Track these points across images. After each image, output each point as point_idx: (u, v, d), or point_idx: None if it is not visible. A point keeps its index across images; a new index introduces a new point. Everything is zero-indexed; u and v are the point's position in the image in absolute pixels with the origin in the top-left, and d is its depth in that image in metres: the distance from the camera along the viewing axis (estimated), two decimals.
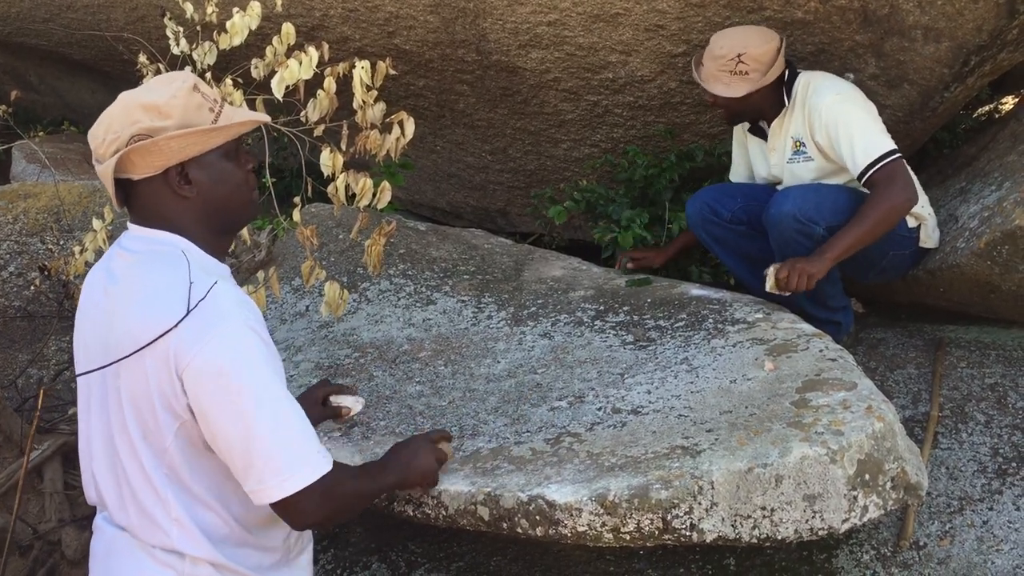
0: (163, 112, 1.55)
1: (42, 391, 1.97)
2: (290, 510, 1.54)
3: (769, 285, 2.50)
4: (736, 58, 2.67)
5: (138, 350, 1.49)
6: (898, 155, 2.60)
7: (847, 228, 2.54)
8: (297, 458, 1.52)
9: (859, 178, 2.62)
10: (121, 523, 1.61)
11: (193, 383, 1.48)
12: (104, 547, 1.65)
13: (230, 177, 1.65)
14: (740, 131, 3.03)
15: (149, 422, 1.53)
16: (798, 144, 2.78)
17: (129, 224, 1.65)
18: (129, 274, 1.58)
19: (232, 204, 1.66)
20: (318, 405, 2.13)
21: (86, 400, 1.64)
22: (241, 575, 1.62)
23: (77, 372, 1.65)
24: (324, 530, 1.78)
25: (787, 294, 2.52)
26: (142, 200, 1.60)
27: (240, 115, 1.65)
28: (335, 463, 1.59)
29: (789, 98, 2.76)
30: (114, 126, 1.55)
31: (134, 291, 1.55)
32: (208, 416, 1.49)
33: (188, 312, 1.49)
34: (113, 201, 1.61)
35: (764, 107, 2.79)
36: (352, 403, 2.18)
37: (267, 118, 1.70)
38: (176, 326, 1.48)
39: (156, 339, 1.48)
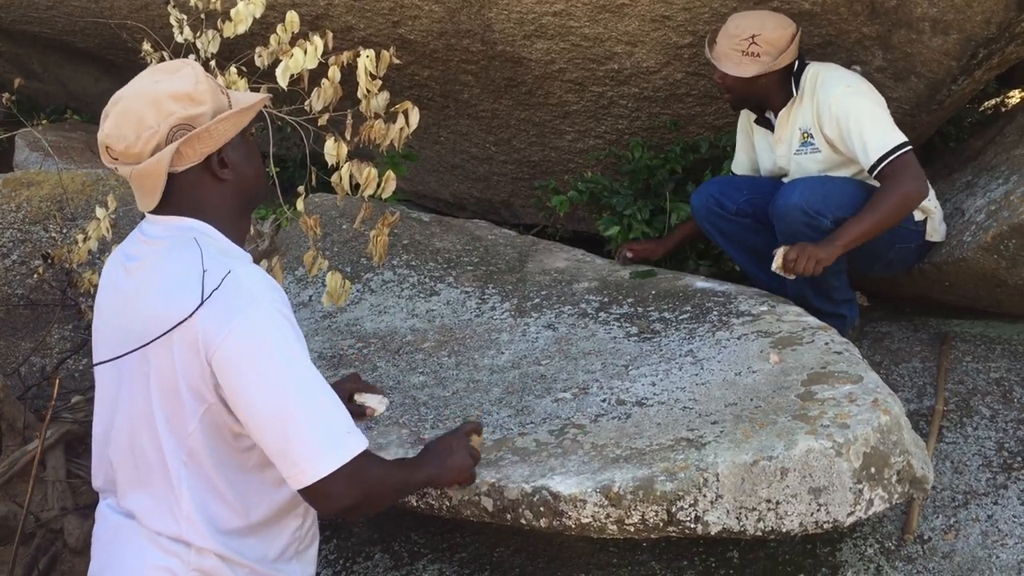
0: (195, 99, 1.54)
1: (58, 380, 1.98)
2: (319, 494, 1.52)
3: (776, 264, 2.49)
4: (750, 38, 2.66)
5: (163, 334, 1.49)
6: (909, 148, 2.59)
7: (858, 217, 2.53)
8: (332, 438, 1.51)
9: (870, 171, 2.61)
10: (130, 508, 1.60)
11: (223, 366, 1.47)
12: (108, 534, 1.64)
13: (252, 153, 1.68)
14: (746, 122, 3.02)
15: (175, 406, 1.52)
16: (806, 136, 2.77)
17: (148, 214, 1.63)
18: (152, 259, 1.58)
19: (260, 181, 1.69)
20: (345, 400, 2.12)
21: (112, 385, 1.62)
22: (246, 567, 1.61)
23: (98, 358, 1.64)
24: (353, 518, 1.76)
25: (792, 277, 2.51)
26: (181, 192, 1.58)
27: (245, 95, 1.66)
28: (366, 452, 1.57)
29: (797, 89, 2.74)
30: (147, 121, 1.52)
31: (157, 277, 1.55)
32: (240, 399, 1.48)
33: (210, 295, 1.48)
34: (150, 200, 1.56)
35: (771, 95, 2.77)
36: (377, 403, 2.18)
37: (268, 95, 1.73)
38: (200, 308, 1.47)
39: (181, 322, 1.47)
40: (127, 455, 1.60)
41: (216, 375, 1.48)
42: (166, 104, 1.52)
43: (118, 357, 1.56)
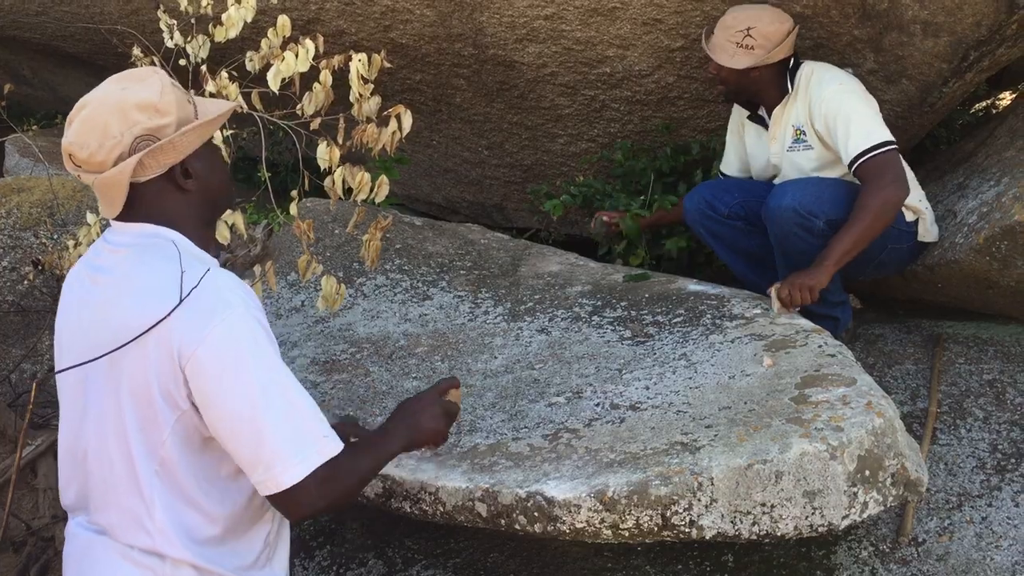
0: (161, 110, 1.54)
1: (35, 384, 1.94)
2: (289, 501, 1.50)
3: (776, 308, 2.47)
4: (745, 31, 2.68)
5: (134, 339, 1.47)
6: (892, 147, 2.58)
7: (843, 232, 2.51)
8: (304, 443, 1.49)
9: (850, 166, 2.61)
10: (101, 523, 1.58)
11: (197, 373, 1.46)
12: (78, 552, 1.61)
13: (217, 163, 1.68)
14: (737, 120, 3.02)
15: (147, 414, 1.50)
16: (799, 132, 2.77)
17: (113, 221, 1.62)
18: (122, 266, 1.56)
19: (224, 191, 1.68)
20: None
21: (77, 397, 1.60)
22: (213, 573, 1.57)
23: (61, 368, 1.61)
24: (328, 513, 1.73)
25: (793, 310, 2.49)
26: (144, 201, 1.58)
27: (213, 104, 1.65)
28: (345, 447, 1.56)
29: (792, 86, 2.75)
30: (111, 130, 1.51)
31: (130, 282, 1.53)
32: (213, 406, 1.47)
33: (182, 300, 1.47)
34: (113, 208, 1.56)
35: (765, 90, 2.78)
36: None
37: (237, 104, 1.72)
38: (173, 314, 1.46)
39: (153, 327, 1.46)
40: (96, 468, 1.58)
41: (189, 381, 1.47)
42: (131, 114, 1.52)
43: (88, 361, 1.53)
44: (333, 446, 1.52)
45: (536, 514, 1.82)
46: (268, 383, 1.48)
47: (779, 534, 1.77)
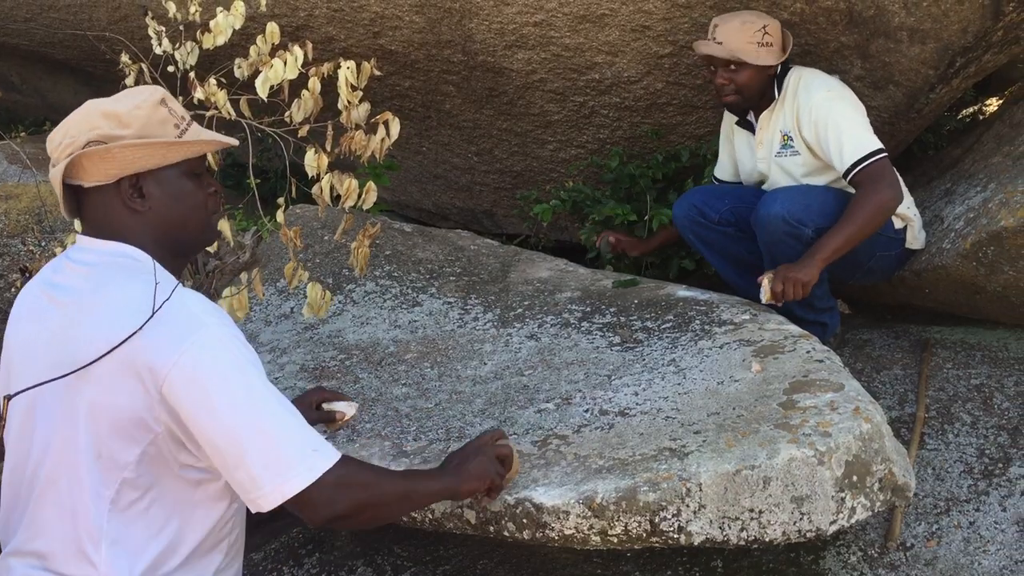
0: (123, 121, 1.53)
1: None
2: (304, 505, 1.47)
3: (765, 298, 2.49)
4: (762, 29, 2.69)
5: (99, 358, 1.42)
6: (884, 154, 2.60)
7: (835, 230, 2.53)
8: (297, 457, 1.46)
9: (844, 175, 2.62)
10: (38, 552, 1.50)
11: (176, 394, 1.42)
12: None
13: (188, 197, 1.60)
14: (728, 126, 3.03)
15: (110, 439, 1.45)
16: (786, 138, 2.78)
17: (79, 237, 1.59)
18: (86, 285, 1.52)
19: (188, 225, 1.61)
20: (311, 410, 2.09)
21: (27, 421, 1.52)
22: None
23: (12, 391, 1.53)
24: (352, 527, 1.68)
25: (781, 303, 2.51)
26: (93, 210, 1.56)
27: (207, 135, 1.62)
28: (355, 460, 1.55)
29: (779, 91, 2.76)
30: (71, 131, 1.52)
31: (93, 302, 1.49)
32: (197, 426, 1.44)
33: (154, 313, 1.43)
34: (61, 207, 1.56)
35: (759, 95, 2.79)
36: (345, 408, 2.16)
37: (234, 142, 1.66)
38: (145, 332, 1.42)
39: (121, 344, 1.42)
40: (41, 496, 1.50)
41: (168, 401, 1.43)
42: (94, 119, 1.53)
43: (48, 381, 1.46)
44: (326, 457, 1.49)
45: (525, 521, 1.82)
46: (251, 400, 1.46)
47: (767, 540, 1.77)
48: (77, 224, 2.23)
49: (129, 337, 1.42)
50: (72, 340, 1.47)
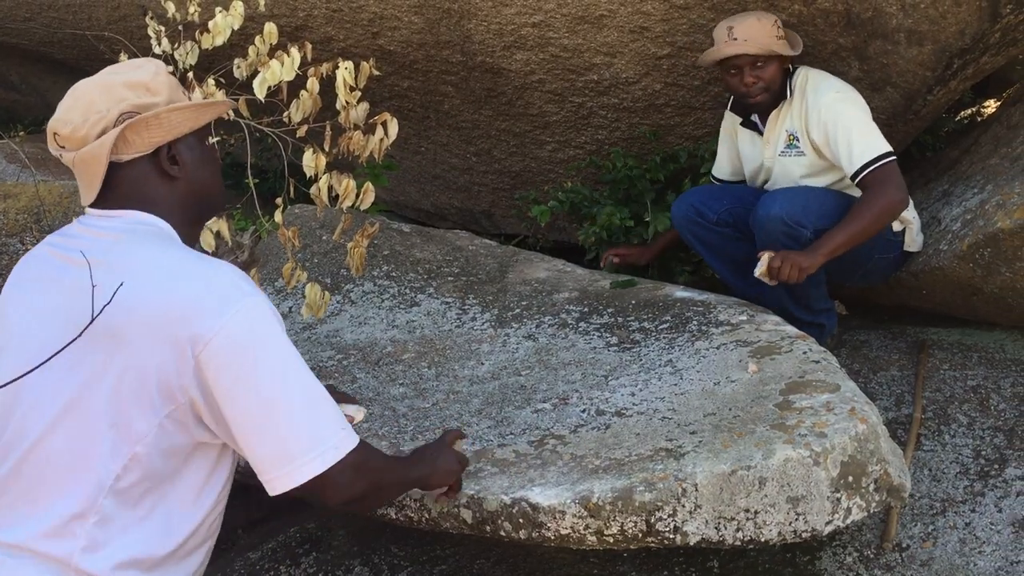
0: (151, 89, 1.51)
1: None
2: (326, 485, 1.46)
3: (759, 271, 2.50)
4: (775, 23, 2.72)
5: (97, 316, 1.37)
6: (893, 158, 2.61)
7: (841, 226, 2.54)
8: (330, 433, 1.46)
9: (853, 178, 2.63)
10: (15, 533, 1.42)
11: (215, 361, 1.39)
12: None
13: (211, 160, 1.63)
14: (730, 125, 3.03)
15: (132, 405, 1.40)
16: (791, 138, 2.79)
17: (90, 209, 1.55)
18: (115, 249, 1.47)
19: (213, 188, 1.63)
20: None
21: (26, 392, 1.44)
22: None
23: (18, 360, 1.45)
24: (360, 510, 1.69)
25: (774, 283, 2.52)
26: (124, 185, 1.52)
27: (219, 100, 1.68)
28: (369, 445, 1.55)
29: (789, 91, 2.76)
30: (97, 105, 1.47)
31: (130, 264, 1.44)
32: (230, 396, 1.40)
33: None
34: (94, 189, 1.49)
35: (780, 91, 2.80)
36: (354, 411, 2.18)
37: (231, 101, 1.70)
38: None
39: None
40: (29, 466, 1.43)
41: (202, 369, 1.39)
42: (119, 90, 1.49)
43: (71, 342, 1.39)
44: (352, 436, 1.50)
45: (521, 520, 1.83)
46: (288, 374, 1.44)
47: (763, 540, 1.78)
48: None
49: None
50: (99, 302, 1.40)
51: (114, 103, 1.48)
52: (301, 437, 1.44)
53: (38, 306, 1.50)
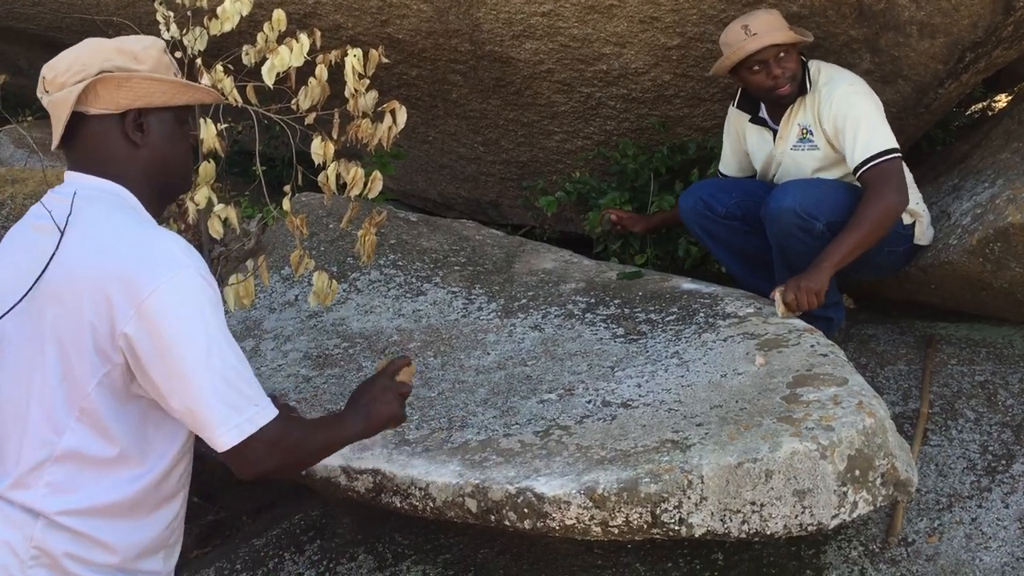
0: (138, 57, 1.58)
1: None
2: (237, 459, 1.50)
3: (780, 312, 2.45)
4: (778, 15, 2.72)
5: (37, 279, 1.46)
6: (897, 154, 2.60)
7: (843, 235, 2.52)
8: (243, 406, 1.48)
9: (854, 171, 2.62)
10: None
11: (140, 326, 1.44)
12: None
13: (180, 140, 1.67)
14: (735, 122, 3.00)
15: (73, 363, 1.47)
16: (805, 132, 2.77)
17: (67, 173, 1.62)
18: (81, 217, 1.54)
19: (176, 167, 1.67)
20: None
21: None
22: (110, 552, 1.51)
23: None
24: (275, 477, 1.70)
25: (798, 314, 2.48)
26: (90, 138, 1.59)
27: (207, 88, 1.71)
28: (281, 414, 1.55)
29: (810, 84, 2.74)
30: (83, 59, 1.56)
31: (75, 229, 1.51)
32: (153, 361, 1.45)
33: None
34: (57, 134, 1.58)
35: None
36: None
37: (227, 99, 1.72)
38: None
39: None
40: (7, 419, 1.53)
41: (130, 336, 1.44)
42: (108, 51, 1.57)
43: (17, 303, 1.50)
44: (265, 413, 1.51)
45: (526, 511, 1.82)
46: (210, 344, 1.47)
47: (769, 533, 1.78)
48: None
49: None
50: (57, 265, 1.49)
51: (99, 60, 1.56)
52: (213, 409, 1.46)
53: (12, 273, 1.57)
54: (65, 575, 1.48)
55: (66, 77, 1.55)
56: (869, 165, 2.58)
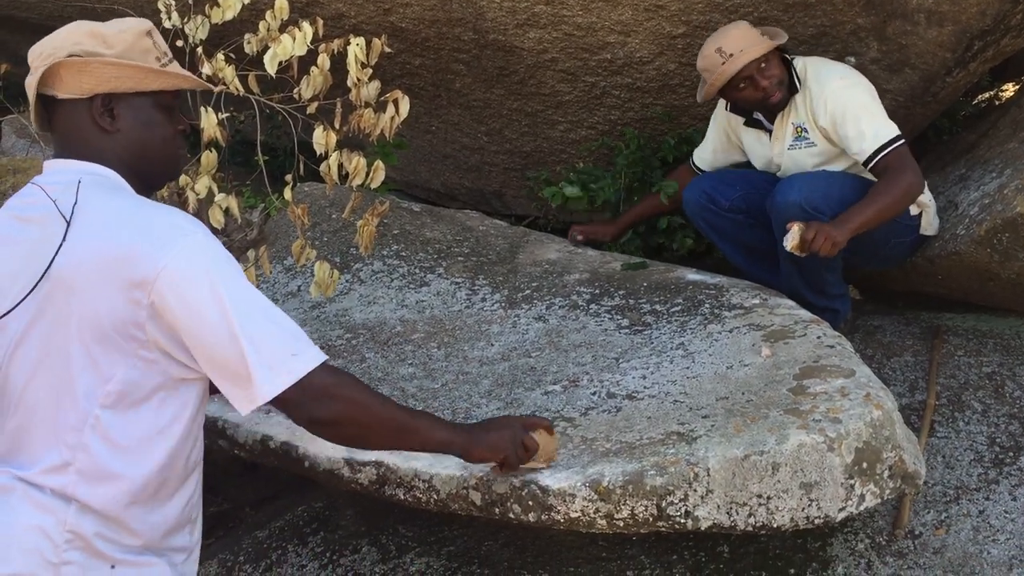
0: (107, 41, 1.56)
1: None
2: (289, 404, 1.49)
3: (791, 244, 2.43)
4: (748, 24, 2.71)
5: (48, 265, 1.45)
6: (903, 141, 2.59)
7: (866, 202, 2.52)
8: (298, 347, 1.48)
9: (866, 163, 2.60)
10: (20, 465, 1.51)
11: (165, 298, 1.43)
12: None
13: (157, 127, 1.63)
14: (731, 123, 2.98)
15: (95, 350, 1.47)
16: (799, 131, 2.75)
17: (48, 161, 1.62)
18: (63, 199, 1.52)
19: (154, 154, 1.64)
20: None
21: (4, 342, 1.53)
22: (135, 535, 1.51)
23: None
24: (340, 441, 1.65)
25: (803, 255, 2.46)
26: (64, 123, 1.58)
27: (186, 73, 1.66)
28: (349, 376, 1.56)
29: (799, 82, 2.72)
30: (56, 43, 1.56)
31: (82, 217, 1.49)
32: (186, 329, 1.45)
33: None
34: (32, 116, 1.60)
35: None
36: None
37: (211, 86, 1.69)
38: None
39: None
40: (29, 409, 1.51)
41: (158, 310, 1.44)
42: (79, 35, 1.57)
43: (28, 294, 1.47)
44: (317, 355, 1.50)
45: (531, 503, 1.81)
46: (242, 295, 1.47)
47: (775, 526, 1.76)
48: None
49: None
50: (63, 253, 1.48)
51: (68, 44, 1.56)
52: (263, 353, 1.45)
53: (2, 271, 1.55)
54: (98, 555, 1.48)
55: (39, 62, 1.56)
56: (881, 155, 2.57)
